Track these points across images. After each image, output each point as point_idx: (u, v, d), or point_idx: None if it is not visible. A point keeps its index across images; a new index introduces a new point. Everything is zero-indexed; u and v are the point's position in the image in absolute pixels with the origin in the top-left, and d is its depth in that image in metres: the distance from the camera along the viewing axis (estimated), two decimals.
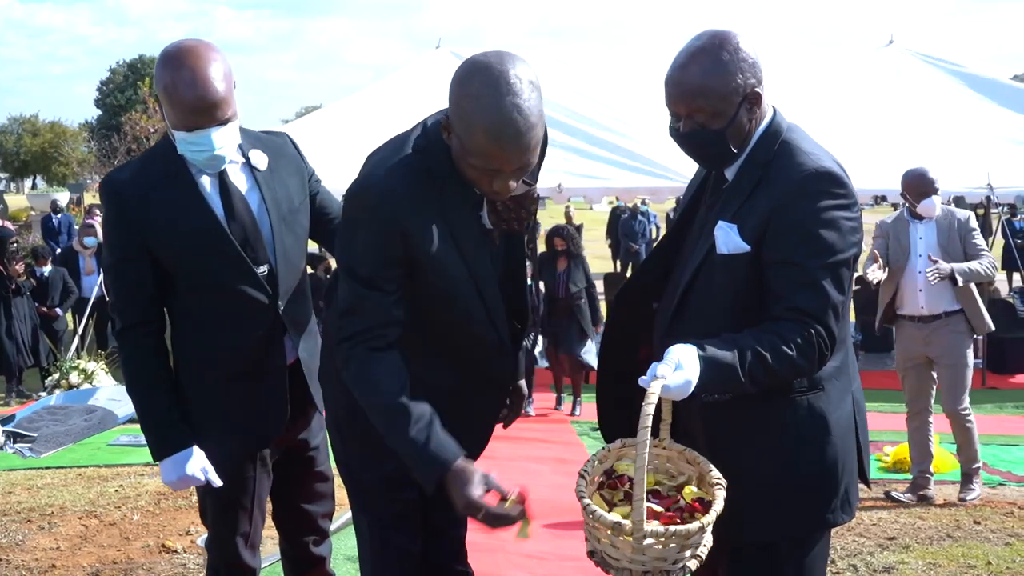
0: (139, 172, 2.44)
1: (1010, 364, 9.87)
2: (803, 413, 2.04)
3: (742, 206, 2.03)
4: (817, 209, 1.96)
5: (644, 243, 17.04)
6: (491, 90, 1.91)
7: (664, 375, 1.83)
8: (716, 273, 2.05)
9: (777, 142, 2.05)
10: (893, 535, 4.67)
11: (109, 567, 4.33)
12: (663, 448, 2.03)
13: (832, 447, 2.05)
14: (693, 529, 1.81)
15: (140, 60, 52.97)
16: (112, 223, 2.45)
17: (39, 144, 40.42)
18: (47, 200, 21.20)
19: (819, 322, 1.94)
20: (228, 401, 2.51)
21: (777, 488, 2.04)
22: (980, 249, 5.22)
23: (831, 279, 1.96)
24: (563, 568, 4.22)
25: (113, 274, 2.48)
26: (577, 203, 21.41)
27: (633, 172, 9.74)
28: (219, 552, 2.69)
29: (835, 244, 1.96)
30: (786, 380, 1.98)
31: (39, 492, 5.66)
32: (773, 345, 1.92)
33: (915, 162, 6.14)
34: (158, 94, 2.34)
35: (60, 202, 17.81)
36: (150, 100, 21.07)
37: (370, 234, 2.05)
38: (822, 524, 2.10)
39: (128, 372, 2.52)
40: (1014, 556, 4.36)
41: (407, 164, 2.06)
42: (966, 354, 5.26)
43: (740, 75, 1.99)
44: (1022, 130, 10.61)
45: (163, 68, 2.32)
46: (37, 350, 9.69)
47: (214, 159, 2.36)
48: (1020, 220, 16.15)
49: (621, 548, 1.82)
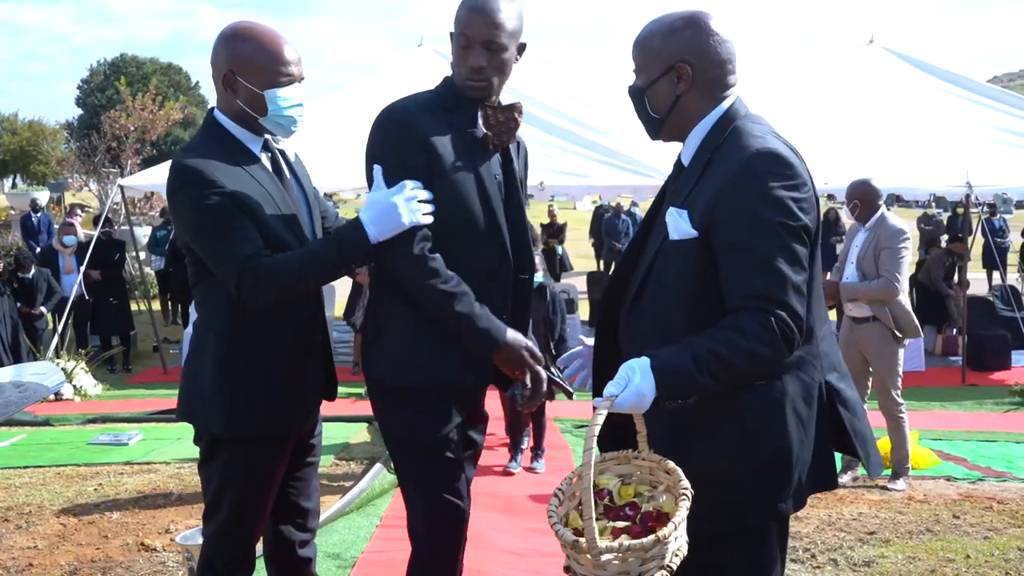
0: (204, 154, 2.45)
1: (989, 361, 9.96)
2: (756, 403, 2.01)
3: (692, 191, 2.05)
4: (761, 189, 1.94)
5: (627, 242, 17.08)
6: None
7: (614, 393, 1.89)
8: (669, 259, 2.06)
9: (730, 127, 2.06)
10: (873, 529, 4.69)
11: (87, 566, 4.30)
12: (642, 459, 2.05)
13: (785, 438, 2.01)
14: (648, 543, 1.81)
15: (122, 59, 52.57)
16: (197, 196, 2.40)
17: (18, 143, 40.05)
18: (27, 199, 21.00)
19: (778, 304, 1.91)
20: (278, 376, 2.52)
21: (728, 478, 2.02)
22: (887, 269, 5.36)
23: (784, 258, 1.92)
24: (543, 564, 4.22)
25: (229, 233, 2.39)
26: (560, 202, 21.45)
27: (615, 170, 9.76)
28: (225, 544, 2.60)
29: (783, 223, 1.93)
30: (754, 371, 1.95)
31: (17, 491, 5.60)
32: (729, 340, 1.91)
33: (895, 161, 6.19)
34: (232, 68, 2.44)
35: (40, 201, 17.64)
36: (128, 99, 21.04)
37: (395, 151, 2.42)
38: (772, 515, 2.05)
39: (290, 275, 2.39)
40: (992, 550, 4.39)
41: (423, 96, 2.51)
42: (892, 356, 5.49)
43: (674, 45, 2.06)
44: (1001, 130, 10.71)
45: (237, 39, 2.47)
46: (18, 350, 9.61)
47: (301, 115, 2.52)
48: (999, 219, 16.32)
49: (585, 564, 1.85)
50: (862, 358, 5.54)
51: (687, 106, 2.09)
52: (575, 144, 9.98)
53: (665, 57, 2.06)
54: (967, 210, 10.94)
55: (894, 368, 5.48)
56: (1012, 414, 8.05)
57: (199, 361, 2.55)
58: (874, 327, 5.44)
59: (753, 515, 2.04)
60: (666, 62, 2.06)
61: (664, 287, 2.07)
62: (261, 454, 2.54)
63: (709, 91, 2.08)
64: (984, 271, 16.23)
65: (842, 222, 15.85)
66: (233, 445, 2.52)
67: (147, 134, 20.11)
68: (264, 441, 2.53)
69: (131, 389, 9.43)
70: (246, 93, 2.45)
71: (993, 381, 9.46)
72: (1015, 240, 18.87)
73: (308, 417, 2.66)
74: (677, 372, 1.91)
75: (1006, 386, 9.06)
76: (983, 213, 13.75)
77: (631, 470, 2.06)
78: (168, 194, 2.52)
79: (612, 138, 10.07)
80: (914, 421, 5.67)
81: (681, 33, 2.06)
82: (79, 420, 7.79)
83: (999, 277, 14.66)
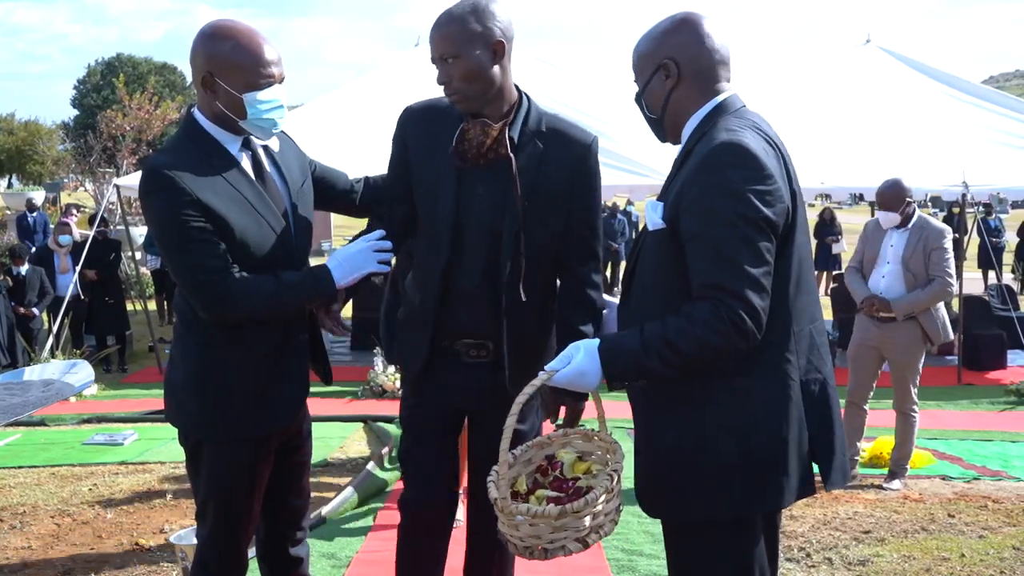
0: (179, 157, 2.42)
1: (985, 361, 9.95)
2: (723, 397, 2.01)
3: (670, 184, 2.12)
4: (720, 181, 1.95)
5: (623, 241, 17.11)
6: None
7: (555, 368, 2.01)
8: (649, 251, 2.13)
9: (714, 121, 2.09)
10: (868, 528, 4.69)
11: (82, 566, 4.29)
12: (600, 439, 2.19)
13: (756, 435, 2.00)
14: (554, 512, 1.92)
15: (118, 59, 52.49)
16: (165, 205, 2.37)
17: (14, 143, 39.99)
18: (22, 199, 20.98)
19: (732, 295, 1.90)
20: (256, 377, 2.51)
21: (696, 469, 2.02)
22: (941, 269, 5.30)
23: (741, 250, 1.92)
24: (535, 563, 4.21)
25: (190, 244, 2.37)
26: None
27: (612, 170, 9.74)
28: (217, 545, 2.61)
29: (742, 214, 1.92)
30: (705, 359, 1.95)
31: (11, 491, 5.59)
32: (679, 327, 1.94)
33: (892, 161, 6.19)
34: (211, 69, 2.38)
35: (36, 201, 17.61)
36: (125, 98, 21.00)
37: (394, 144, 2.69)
38: (743, 509, 2.04)
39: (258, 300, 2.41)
40: (987, 548, 4.40)
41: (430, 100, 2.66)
42: (918, 359, 5.44)
43: (661, 45, 2.14)
44: (996, 130, 10.72)
45: (215, 39, 2.40)
46: (13, 349, 9.59)
47: (281, 117, 2.48)
48: (995, 218, 16.34)
49: (504, 524, 2.00)
50: (877, 357, 5.47)
51: (678, 102, 2.14)
52: None
53: (653, 58, 2.14)
54: (963, 210, 10.95)
55: (918, 368, 5.42)
56: (1007, 413, 8.06)
57: (180, 362, 2.55)
58: (904, 327, 5.33)
59: (718, 507, 2.03)
60: (654, 62, 2.14)
61: (645, 279, 2.15)
62: (242, 454, 2.53)
63: (698, 86, 2.12)
64: (980, 271, 16.26)
65: (837, 222, 15.87)
66: (214, 446, 2.53)
67: (144, 134, 20.08)
68: (244, 442, 2.53)
69: (126, 389, 9.41)
70: (225, 96, 2.40)
71: (989, 380, 9.46)
72: (1011, 240, 18.90)
73: (291, 417, 2.63)
74: (624, 354, 1.99)
75: (1002, 385, 9.06)
76: (979, 213, 13.77)
77: (591, 448, 2.20)
78: (139, 196, 2.49)
79: (609, 138, 10.03)
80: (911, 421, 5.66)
81: (667, 33, 2.14)
82: (74, 420, 7.77)
83: (995, 277, 14.68)
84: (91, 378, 4.99)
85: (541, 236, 2.56)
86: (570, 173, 2.57)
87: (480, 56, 2.44)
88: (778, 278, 1.99)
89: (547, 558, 1.98)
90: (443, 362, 2.65)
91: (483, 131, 2.49)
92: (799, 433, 2.04)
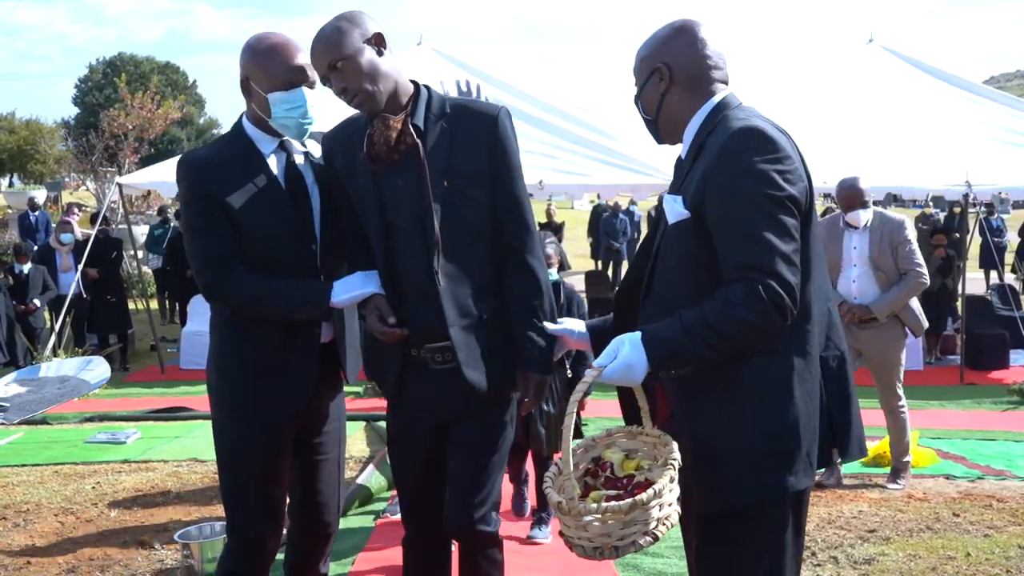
0: (211, 153, 2.68)
1: (987, 360, 9.95)
2: (753, 377, 2.04)
3: (685, 177, 2.16)
4: (742, 164, 2.00)
5: (625, 241, 17.09)
6: None
7: (603, 364, 2.01)
8: (670, 244, 2.15)
9: (720, 116, 2.15)
10: (873, 527, 4.68)
11: (85, 564, 4.28)
12: (646, 435, 2.15)
13: (789, 411, 2.03)
14: (625, 506, 1.89)
15: (119, 58, 52.48)
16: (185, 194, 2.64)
17: (15, 142, 39.98)
18: (24, 198, 20.99)
19: (766, 273, 1.94)
20: (263, 364, 2.65)
21: (733, 453, 2.04)
22: (911, 262, 5.27)
23: (770, 228, 1.96)
24: (540, 560, 4.21)
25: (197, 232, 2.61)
26: (559, 201, 21.44)
27: (614, 169, 9.75)
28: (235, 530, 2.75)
29: (767, 194, 1.97)
30: (746, 339, 1.99)
31: (14, 489, 5.58)
32: (718, 310, 1.96)
33: (895, 160, 6.18)
34: (247, 73, 2.61)
35: (37, 200, 17.62)
36: (128, 97, 21.00)
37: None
38: (780, 489, 2.05)
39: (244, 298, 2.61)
40: (993, 548, 4.39)
41: (343, 121, 2.68)
42: (899, 353, 5.42)
43: (655, 50, 2.22)
44: (1000, 129, 10.70)
45: (253, 46, 2.63)
46: (13, 347, 9.58)
47: (306, 118, 2.64)
48: (996, 218, 16.34)
49: (571, 526, 1.97)
50: (855, 357, 5.42)
51: (672, 104, 2.21)
52: (574, 143, 9.96)
53: (649, 62, 2.23)
54: (964, 210, 10.94)
55: (900, 363, 5.42)
56: (1010, 413, 8.05)
57: (211, 343, 2.76)
58: (885, 326, 5.32)
59: (761, 490, 2.05)
60: (649, 67, 2.23)
61: (668, 272, 2.16)
62: (247, 436, 2.67)
63: (692, 88, 2.19)
64: (982, 271, 16.26)
65: None
66: (224, 425, 2.72)
67: (145, 133, 20.07)
68: (248, 423, 2.67)
69: (128, 388, 9.40)
70: (257, 97, 2.63)
71: (991, 380, 9.45)
72: (1012, 240, 18.88)
73: (298, 405, 2.70)
74: (668, 342, 1.99)
75: (1004, 385, 9.05)
76: (981, 213, 13.76)
77: (637, 445, 2.18)
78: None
79: (611, 137, 10.06)
80: (913, 420, 5.64)
81: (662, 39, 2.23)
82: (76, 418, 7.77)
83: (996, 276, 14.68)
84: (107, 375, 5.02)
85: (470, 214, 2.55)
86: (484, 146, 2.55)
87: (365, 49, 2.48)
88: (801, 257, 2.03)
89: (617, 556, 1.97)
90: (414, 374, 2.62)
91: (385, 126, 2.51)
92: (821, 408, 2.11)
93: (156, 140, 21.63)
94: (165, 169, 10.51)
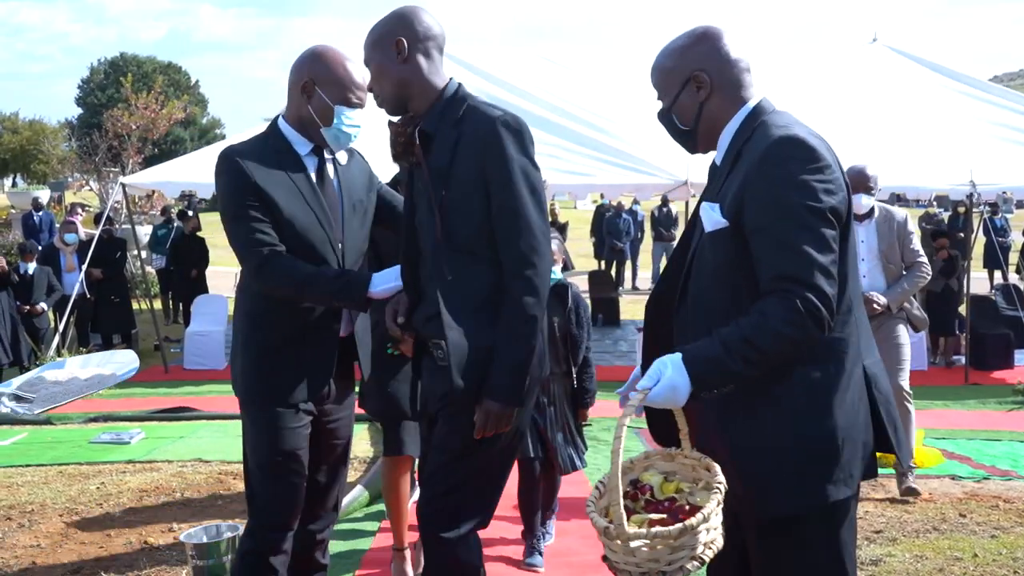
0: (251, 149, 2.80)
1: (991, 360, 9.93)
2: (798, 388, 2.02)
3: (722, 185, 2.14)
4: (783, 173, 1.99)
5: (628, 241, 17.09)
6: None
7: (647, 387, 1.98)
8: (706, 251, 2.13)
9: (757, 122, 2.13)
10: (880, 528, 4.67)
11: (90, 564, 4.28)
12: (685, 457, 2.12)
13: (827, 420, 2.02)
14: (675, 531, 1.86)
15: (121, 58, 52.53)
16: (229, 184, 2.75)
17: (19, 142, 40.04)
18: (28, 198, 21.01)
19: (804, 284, 1.93)
20: (288, 351, 2.79)
21: (780, 462, 2.02)
22: (917, 255, 5.28)
23: (808, 239, 1.95)
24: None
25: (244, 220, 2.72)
26: (562, 201, 21.42)
27: (618, 169, 9.73)
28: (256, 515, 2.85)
29: (806, 205, 1.96)
30: (785, 353, 1.97)
31: (19, 490, 5.58)
32: (755, 325, 1.95)
33: (900, 159, 6.17)
34: (313, 77, 2.75)
35: (41, 200, 17.63)
36: (132, 97, 21.02)
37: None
38: (819, 498, 2.03)
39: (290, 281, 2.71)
40: (1000, 548, 4.38)
41: None
42: (903, 334, 5.35)
43: (685, 59, 2.18)
44: (1004, 128, 10.67)
45: (325, 55, 2.78)
46: (17, 348, 9.58)
47: (356, 136, 2.83)
48: (1000, 218, 16.32)
49: (617, 551, 1.93)
50: None
51: (712, 111, 2.18)
52: (577, 143, 9.95)
53: (681, 72, 2.18)
54: (969, 209, 10.92)
55: (908, 358, 5.36)
56: (1015, 413, 8.03)
57: (237, 329, 2.88)
58: (891, 320, 5.26)
59: (800, 500, 2.03)
60: (683, 76, 2.18)
61: (704, 280, 2.14)
62: (272, 418, 2.79)
63: (730, 94, 2.18)
64: (986, 270, 16.23)
65: None
66: (251, 408, 2.84)
67: (149, 133, 20.08)
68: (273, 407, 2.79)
69: (132, 388, 9.39)
70: (319, 102, 2.76)
71: (996, 380, 9.44)
72: (1017, 239, 18.87)
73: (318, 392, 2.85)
74: (709, 361, 1.97)
75: (1009, 385, 9.04)
76: (985, 212, 13.74)
77: (675, 467, 2.15)
78: (215, 178, 2.81)
79: (614, 137, 10.05)
80: (918, 420, 5.62)
81: (691, 47, 2.19)
82: (80, 419, 7.76)
83: (1001, 276, 14.65)
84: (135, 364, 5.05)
85: (464, 223, 2.47)
86: (477, 153, 2.44)
87: (382, 57, 2.54)
88: (840, 265, 2.02)
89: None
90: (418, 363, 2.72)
91: (392, 131, 2.58)
92: (865, 416, 2.09)
93: (159, 140, 21.63)
94: (169, 169, 10.52)
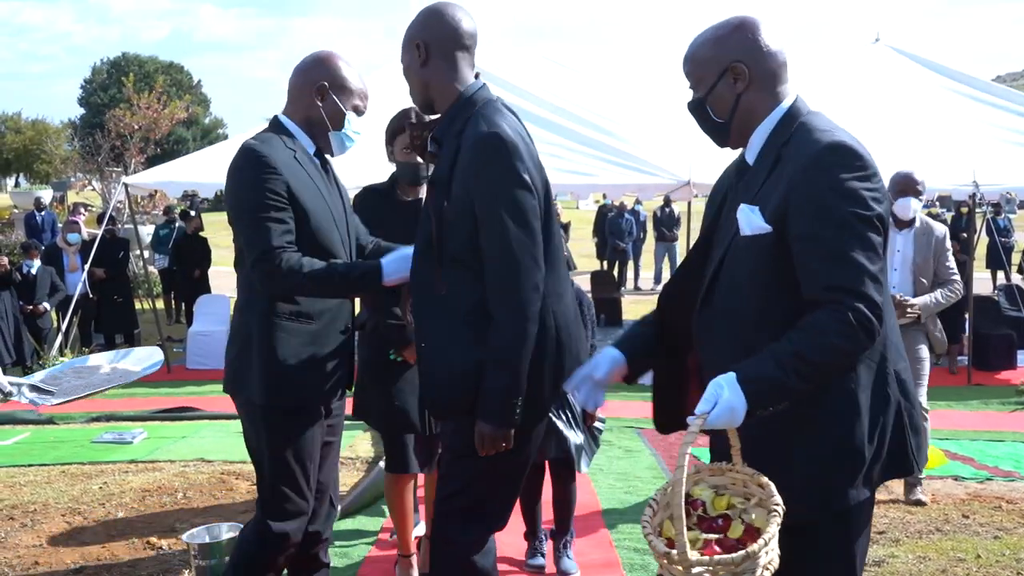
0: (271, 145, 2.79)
1: (994, 361, 9.90)
2: (832, 393, 2.02)
3: (762, 187, 2.08)
4: (832, 181, 1.96)
5: (631, 241, 17.07)
6: None
7: (705, 410, 1.93)
8: (741, 255, 2.09)
9: (795, 124, 2.09)
10: (883, 529, 4.66)
11: (93, 564, 4.28)
12: (736, 472, 2.09)
13: (860, 423, 2.03)
14: (738, 558, 1.84)
15: (124, 58, 52.60)
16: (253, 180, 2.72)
17: (21, 142, 40.10)
18: (30, 198, 21.01)
19: (855, 295, 1.92)
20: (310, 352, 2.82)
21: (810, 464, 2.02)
22: (951, 272, 5.14)
23: (858, 247, 1.94)
24: None
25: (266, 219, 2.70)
26: (564, 201, 21.41)
27: (621, 169, 9.73)
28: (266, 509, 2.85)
29: (857, 213, 1.94)
30: (839, 365, 1.97)
31: (22, 489, 5.59)
32: (808, 339, 1.93)
33: (902, 160, 6.13)
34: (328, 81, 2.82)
35: (44, 200, 17.64)
36: (134, 97, 21.02)
37: None
38: (842, 501, 2.04)
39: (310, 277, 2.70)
40: (1003, 549, 4.37)
41: None
42: (925, 349, 5.16)
43: (724, 48, 2.11)
44: (1007, 129, 10.66)
45: (338, 63, 2.86)
46: (21, 348, 9.58)
47: (354, 143, 2.93)
48: (1003, 218, 16.28)
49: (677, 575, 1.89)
50: None
51: (749, 104, 2.13)
52: (580, 143, 9.94)
53: (719, 62, 2.12)
54: (972, 210, 10.90)
55: (927, 374, 5.18)
56: (1018, 414, 8.01)
57: (241, 337, 2.84)
58: (911, 334, 5.01)
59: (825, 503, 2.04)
60: (720, 66, 2.12)
61: (736, 283, 2.10)
62: (295, 422, 2.82)
63: (768, 87, 2.12)
64: (988, 271, 16.19)
65: None
66: (271, 413, 2.81)
67: (152, 133, 20.08)
68: (297, 410, 2.82)
69: (135, 387, 9.36)
70: (332, 106, 2.84)
71: (998, 381, 9.42)
72: (1020, 240, 18.82)
73: (335, 393, 2.93)
74: (764, 380, 1.93)
75: (1012, 386, 9.01)
76: (988, 213, 13.71)
77: (725, 481, 2.10)
78: (230, 172, 2.79)
79: (616, 137, 10.05)
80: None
81: (730, 36, 2.12)
82: (83, 418, 7.78)
83: (1004, 277, 14.61)
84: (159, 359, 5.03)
85: (455, 238, 2.41)
86: (465, 167, 2.38)
87: (409, 60, 2.57)
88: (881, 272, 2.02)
89: None
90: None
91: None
92: (893, 421, 2.08)
93: (162, 140, 21.62)
94: (171, 169, 10.52)
